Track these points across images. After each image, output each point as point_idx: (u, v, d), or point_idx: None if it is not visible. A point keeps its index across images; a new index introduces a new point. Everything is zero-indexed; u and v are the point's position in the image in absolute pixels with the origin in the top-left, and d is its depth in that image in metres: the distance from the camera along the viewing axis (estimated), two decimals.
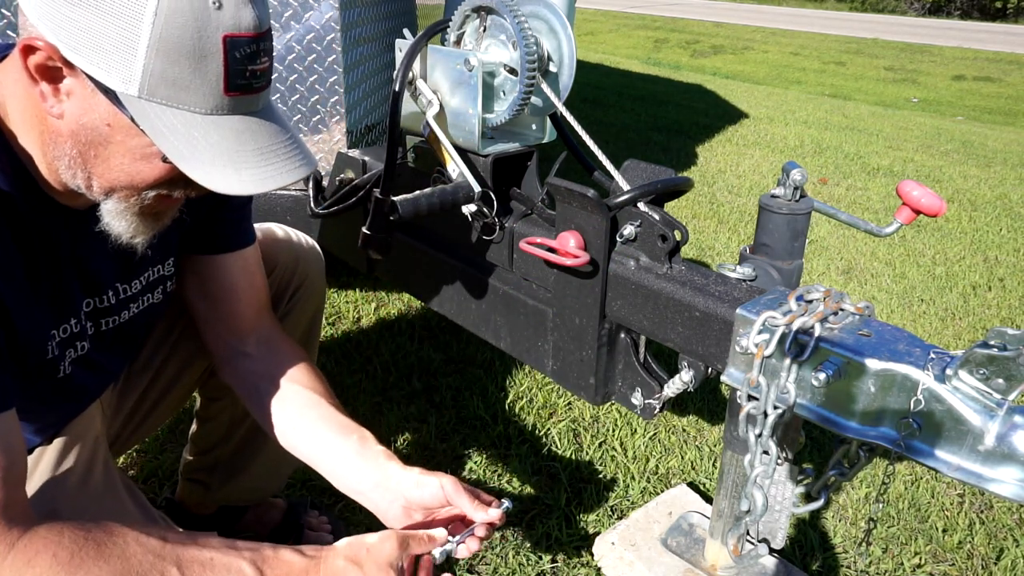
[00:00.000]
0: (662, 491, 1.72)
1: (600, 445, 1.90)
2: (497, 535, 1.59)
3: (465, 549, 0.98)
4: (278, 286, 1.32)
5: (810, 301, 1.03)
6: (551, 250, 1.25)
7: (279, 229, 1.36)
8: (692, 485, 1.73)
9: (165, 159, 0.79)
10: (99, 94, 0.76)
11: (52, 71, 0.76)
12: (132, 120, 0.76)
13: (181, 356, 1.28)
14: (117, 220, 0.86)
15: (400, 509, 1.01)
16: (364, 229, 1.36)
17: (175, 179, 0.83)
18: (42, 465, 0.99)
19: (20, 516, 0.78)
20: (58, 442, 1.02)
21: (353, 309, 2.47)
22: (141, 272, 1.06)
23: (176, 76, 0.74)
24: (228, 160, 0.78)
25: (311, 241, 1.40)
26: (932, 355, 0.92)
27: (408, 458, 1.78)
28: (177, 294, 1.17)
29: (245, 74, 0.78)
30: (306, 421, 1.09)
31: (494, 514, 0.98)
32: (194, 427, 1.46)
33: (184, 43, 0.73)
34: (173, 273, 1.14)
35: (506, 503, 1.02)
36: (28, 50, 0.74)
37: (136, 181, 0.83)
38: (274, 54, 0.84)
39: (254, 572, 0.83)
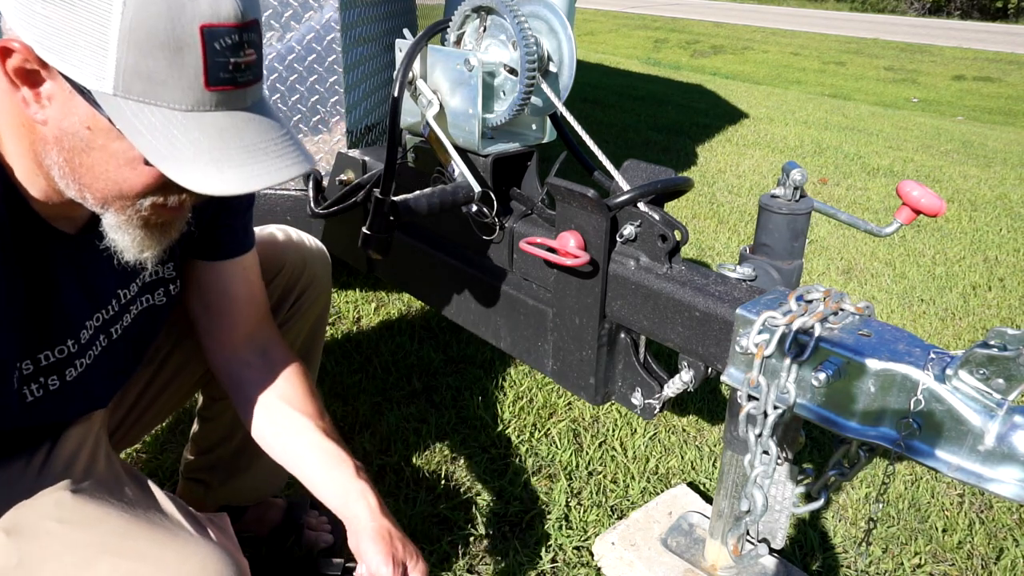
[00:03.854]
0: (662, 491, 1.72)
1: (600, 445, 1.90)
2: (497, 535, 1.59)
3: None
4: (284, 287, 1.32)
5: (810, 301, 1.03)
6: (551, 250, 1.25)
7: (287, 230, 1.36)
8: (692, 485, 1.73)
9: (148, 162, 0.75)
10: (77, 96, 0.73)
11: (31, 75, 0.73)
12: (110, 121, 0.73)
13: (185, 350, 1.28)
14: (120, 234, 0.83)
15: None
16: (364, 229, 1.36)
17: (166, 184, 0.79)
18: (52, 459, 1.00)
19: None
20: (68, 435, 1.03)
21: (353, 309, 2.47)
22: (137, 274, 1.05)
23: (151, 70, 0.70)
24: (210, 159, 0.74)
25: (318, 243, 1.40)
26: (932, 355, 0.92)
27: (408, 458, 1.78)
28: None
29: (228, 67, 0.73)
30: (295, 446, 1.09)
31: None
32: (196, 426, 1.46)
33: (157, 34, 0.69)
34: (175, 276, 1.13)
35: None
36: (5, 53, 0.71)
37: (125, 190, 0.79)
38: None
39: None
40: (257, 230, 1.33)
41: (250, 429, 1.13)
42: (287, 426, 1.09)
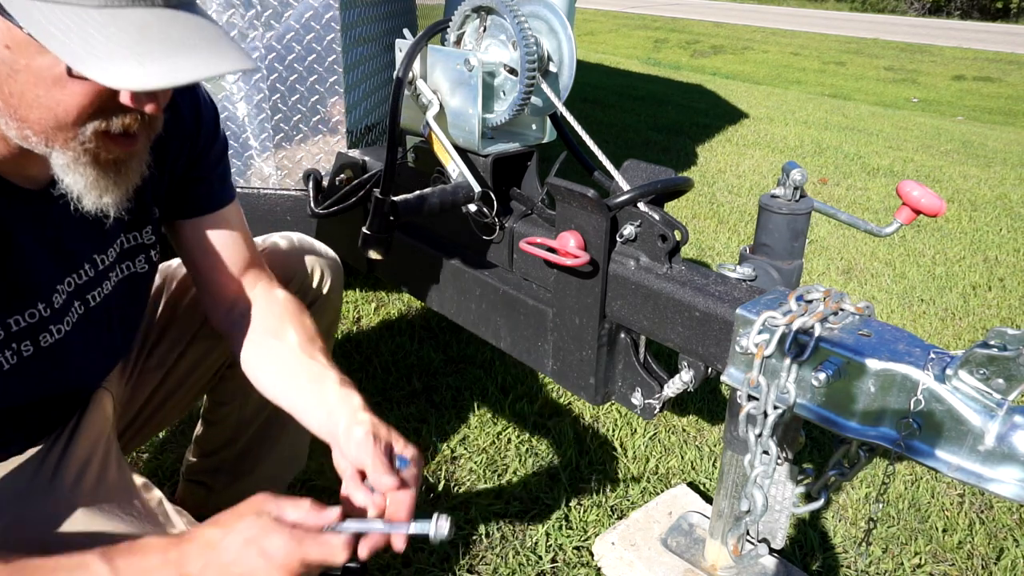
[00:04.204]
0: (662, 491, 1.72)
1: (600, 445, 1.90)
2: (497, 535, 1.59)
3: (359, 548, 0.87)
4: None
5: (810, 301, 1.03)
6: (551, 250, 1.25)
7: (297, 239, 1.34)
8: (692, 485, 1.73)
9: (71, 72, 0.71)
10: None
11: None
12: (22, 29, 0.69)
13: (195, 354, 1.28)
14: (72, 176, 0.79)
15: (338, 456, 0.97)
16: (364, 229, 1.36)
17: (103, 106, 0.76)
18: (63, 464, 0.99)
19: None
20: (79, 440, 1.02)
21: (353, 309, 2.47)
22: (114, 239, 1.02)
23: None
24: (129, 53, 0.69)
25: (331, 252, 1.38)
26: (932, 355, 0.92)
27: None
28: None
29: None
30: (280, 377, 1.06)
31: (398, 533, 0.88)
32: (199, 429, 1.46)
33: None
34: (155, 241, 1.09)
35: (432, 527, 0.84)
36: None
37: (60, 115, 0.75)
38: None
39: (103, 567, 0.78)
40: (268, 238, 1.32)
41: (244, 369, 1.11)
42: (273, 359, 1.07)
